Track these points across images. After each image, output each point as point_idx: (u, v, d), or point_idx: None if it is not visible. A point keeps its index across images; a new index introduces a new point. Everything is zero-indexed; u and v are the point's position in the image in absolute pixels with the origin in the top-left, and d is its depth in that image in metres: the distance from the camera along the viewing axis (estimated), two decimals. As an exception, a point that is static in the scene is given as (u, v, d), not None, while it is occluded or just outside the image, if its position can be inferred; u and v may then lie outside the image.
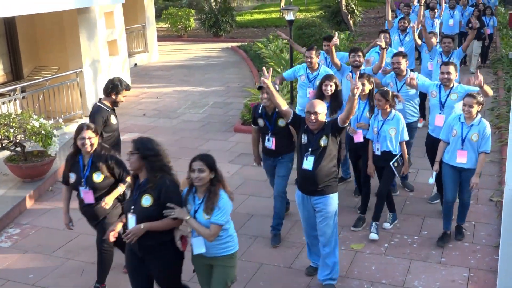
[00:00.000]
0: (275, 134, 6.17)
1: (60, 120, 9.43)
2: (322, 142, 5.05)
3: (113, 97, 6.29)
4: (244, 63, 17.17)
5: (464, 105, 5.97)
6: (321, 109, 5.03)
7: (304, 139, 5.13)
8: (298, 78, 7.90)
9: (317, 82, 7.18)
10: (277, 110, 5.79)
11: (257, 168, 7.27)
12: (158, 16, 23.19)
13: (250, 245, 6.30)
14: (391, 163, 6.28)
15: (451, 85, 6.66)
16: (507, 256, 4.26)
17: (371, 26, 23.01)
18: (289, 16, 9.72)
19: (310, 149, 5.07)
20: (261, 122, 6.27)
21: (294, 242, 6.33)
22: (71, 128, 10.21)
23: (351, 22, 19.88)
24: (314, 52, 7.60)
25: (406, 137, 6.37)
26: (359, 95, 5.23)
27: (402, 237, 6.37)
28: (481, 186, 7.54)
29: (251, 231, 6.59)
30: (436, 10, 13.23)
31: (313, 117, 4.98)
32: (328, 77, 6.74)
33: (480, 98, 5.95)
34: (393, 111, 6.36)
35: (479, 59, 14.73)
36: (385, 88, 6.53)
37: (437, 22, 13.31)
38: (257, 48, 16.16)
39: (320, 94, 6.66)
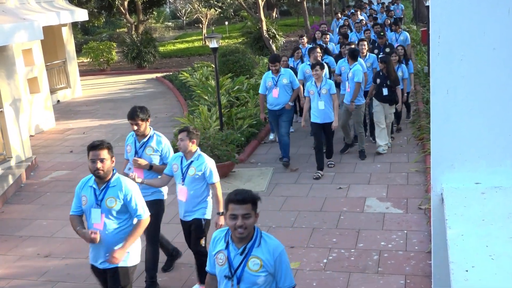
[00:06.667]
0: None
1: (-18, 163, 9.07)
2: None
3: None
4: (170, 93, 17.13)
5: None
6: None
7: None
8: None
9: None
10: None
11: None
12: (79, 51, 22.86)
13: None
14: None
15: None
16: (439, 261, 4.42)
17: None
18: (213, 44, 9.81)
19: None
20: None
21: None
22: (-6, 170, 9.81)
23: (273, 46, 20.32)
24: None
25: None
26: None
27: (339, 251, 6.50)
28: (410, 196, 7.86)
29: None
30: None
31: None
32: None
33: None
34: None
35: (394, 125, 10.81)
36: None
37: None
38: (183, 77, 16.18)
39: None
